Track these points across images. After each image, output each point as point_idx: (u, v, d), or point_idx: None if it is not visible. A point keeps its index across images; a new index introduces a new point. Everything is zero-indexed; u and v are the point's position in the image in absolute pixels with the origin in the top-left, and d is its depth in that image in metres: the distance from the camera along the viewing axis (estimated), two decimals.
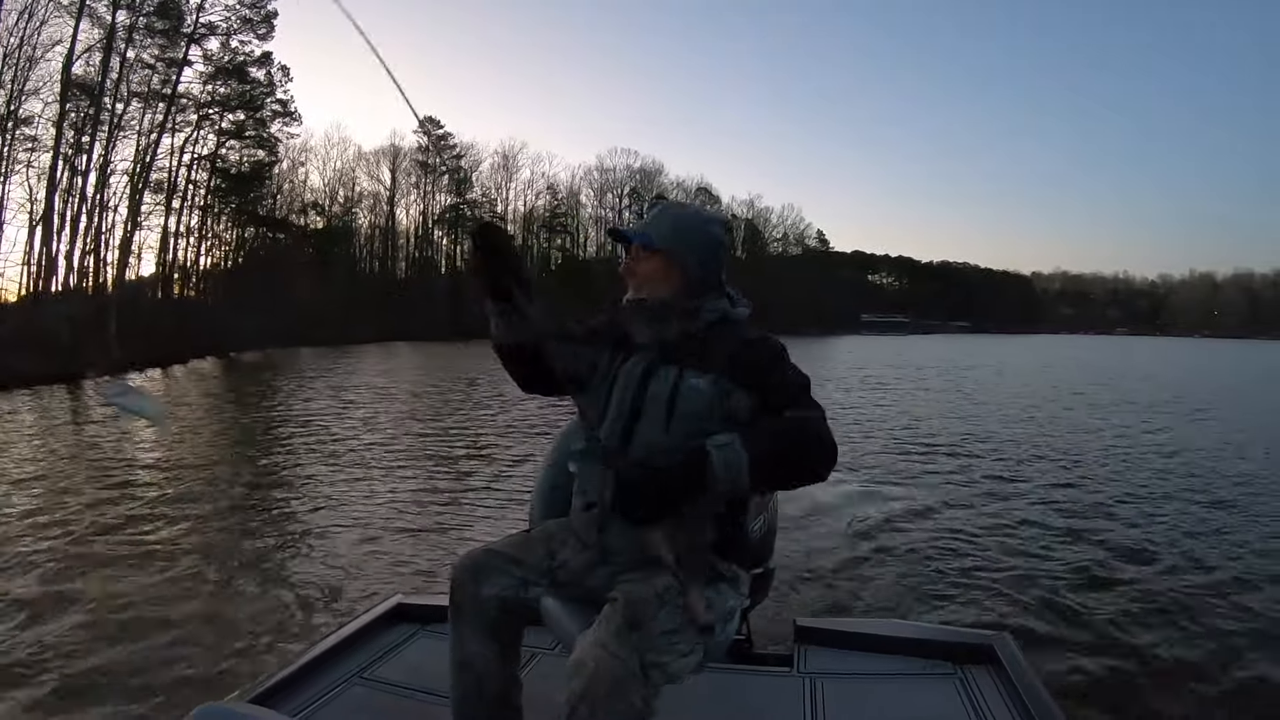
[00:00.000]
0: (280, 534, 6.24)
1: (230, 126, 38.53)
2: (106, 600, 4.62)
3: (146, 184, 33.83)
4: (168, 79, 33.91)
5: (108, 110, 31.03)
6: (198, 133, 36.90)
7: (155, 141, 33.70)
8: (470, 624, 1.71)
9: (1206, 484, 8.66)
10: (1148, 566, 5.67)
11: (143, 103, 32.94)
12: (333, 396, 17.02)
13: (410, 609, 2.63)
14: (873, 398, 18.99)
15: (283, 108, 40.68)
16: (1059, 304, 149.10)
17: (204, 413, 14.55)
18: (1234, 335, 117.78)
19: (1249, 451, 11.04)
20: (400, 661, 2.36)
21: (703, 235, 1.85)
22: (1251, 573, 5.51)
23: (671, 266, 1.80)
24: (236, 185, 39.49)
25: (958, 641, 2.44)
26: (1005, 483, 8.53)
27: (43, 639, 4.05)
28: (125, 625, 4.29)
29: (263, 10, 37.12)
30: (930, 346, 56.81)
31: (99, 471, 8.46)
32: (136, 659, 3.88)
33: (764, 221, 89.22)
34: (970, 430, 12.79)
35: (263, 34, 37.64)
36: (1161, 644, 4.28)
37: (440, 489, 7.83)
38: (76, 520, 6.44)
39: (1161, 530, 6.63)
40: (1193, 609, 4.79)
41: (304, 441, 10.78)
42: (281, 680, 2.13)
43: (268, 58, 38.80)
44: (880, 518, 6.68)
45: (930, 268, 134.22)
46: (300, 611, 4.58)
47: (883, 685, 2.27)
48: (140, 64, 32.74)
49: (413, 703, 2.10)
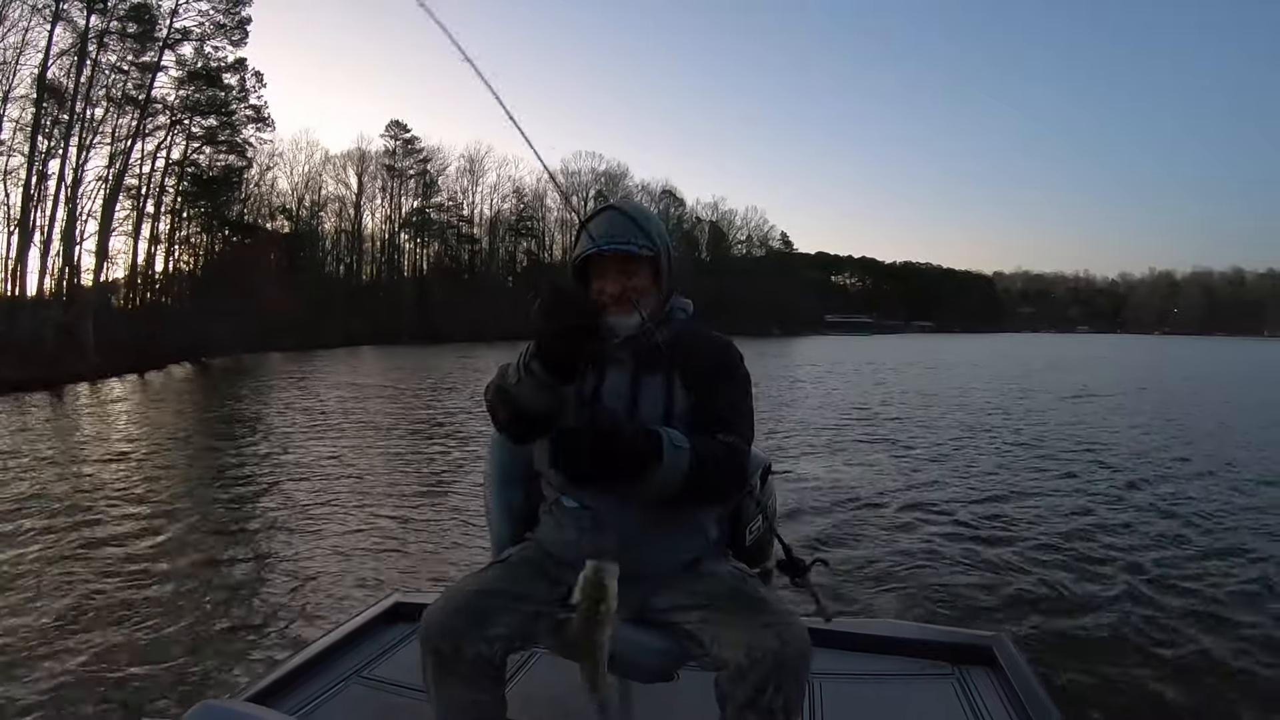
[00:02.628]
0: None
1: (203, 132, 38.33)
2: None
3: (120, 189, 33.81)
4: (141, 84, 33.80)
5: (79, 115, 31.01)
6: (170, 138, 36.74)
7: (129, 147, 33.67)
8: (466, 674, 1.56)
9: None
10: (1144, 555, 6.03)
11: (116, 108, 32.84)
12: (325, 401, 17.63)
13: (408, 608, 2.61)
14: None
15: (256, 113, 40.64)
16: (1021, 303, 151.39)
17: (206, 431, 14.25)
18: (1192, 332, 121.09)
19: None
20: (398, 660, 2.36)
21: (664, 230, 1.79)
22: (1253, 571, 5.67)
23: (658, 271, 1.74)
24: (208, 190, 39.35)
25: (956, 642, 2.47)
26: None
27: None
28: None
29: (237, 16, 36.92)
30: (900, 348, 56.34)
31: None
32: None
33: (728, 224, 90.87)
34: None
35: (236, 40, 37.50)
36: (1161, 643, 4.34)
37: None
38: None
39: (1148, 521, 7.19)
40: (1196, 608, 4.87)
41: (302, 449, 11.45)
42: (280, 678, 2.17)
43: (242, 64, 38.70)
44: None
45: (893, 268, 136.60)
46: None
47: (881, 686, 2.29)
48: (113, 69, 32.62)
49: (411, 701, 2.07)
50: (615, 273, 1.69)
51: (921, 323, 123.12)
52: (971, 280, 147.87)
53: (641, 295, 1.69)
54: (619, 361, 1.70)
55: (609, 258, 1.68)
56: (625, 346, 1.69)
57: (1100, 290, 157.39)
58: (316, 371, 27.31)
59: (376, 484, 8.59)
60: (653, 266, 1.72)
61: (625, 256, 1.67)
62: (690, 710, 1.66)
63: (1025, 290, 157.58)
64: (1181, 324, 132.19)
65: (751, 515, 1.90)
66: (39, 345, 23.30)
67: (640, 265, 1.70)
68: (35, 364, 20.80)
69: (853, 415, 15.70)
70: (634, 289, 1.69)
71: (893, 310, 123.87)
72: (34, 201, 29.56)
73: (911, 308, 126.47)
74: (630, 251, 1.67)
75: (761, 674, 1.41)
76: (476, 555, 5.38)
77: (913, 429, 13.71)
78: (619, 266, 1.69)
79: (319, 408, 16.32)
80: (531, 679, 2.28)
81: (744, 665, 1.42)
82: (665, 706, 2.03)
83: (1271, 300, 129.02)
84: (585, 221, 1.72)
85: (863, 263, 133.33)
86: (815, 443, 11.86)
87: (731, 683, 1.44)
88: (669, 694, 1.83)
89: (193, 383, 23.99)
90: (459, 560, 5.68)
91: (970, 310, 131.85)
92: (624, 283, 1.69)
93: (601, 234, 1.68)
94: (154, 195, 36.90)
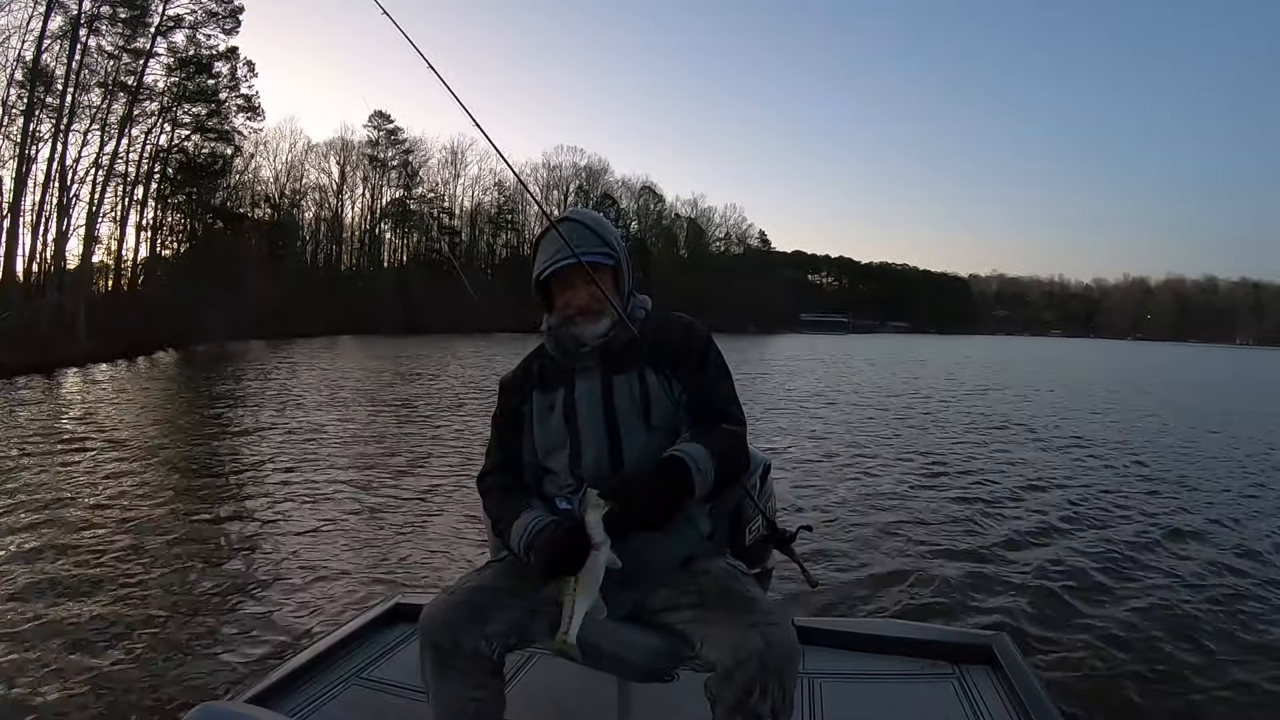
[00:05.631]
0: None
1: (192, 119, 38.44)
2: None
3: (110, 175, 34.06)
4: (133, 70, 33.95)
5: (72, 100, 31.23)
6: (160, 124, 36.89)
7: (119, 133, 33.90)
8: (464, 669, 1.58)
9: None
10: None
11: (106, 93, 32.99)
12: (314, 389, 18.08)
13: (408, 609, 2.60)
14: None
15: (246, 102, 40.78)
16: (995, 306, 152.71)
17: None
18: (1163, 338, 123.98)
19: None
20: (398, 662, 2.37)
21: (618, 235, 1.86)
22: (1253, 571, 5.65)
23: (619, 277, 1.81)
24: (195, 177, 39.52)
25: (956, 642, 2.47)
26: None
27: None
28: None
29: (229, 5, 37.09)
30: (877, 348, 55.13)
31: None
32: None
33: (707, 221, 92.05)
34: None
35: (229, 29, 37.64)
36: (1159, 642, 4.31)
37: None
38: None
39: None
40: (1192, 607, 4.84)
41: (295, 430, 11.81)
42: (280, 680, 2.17)
43: (233, 52, 38.84)
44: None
45: (870, 268, 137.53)
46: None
47: (881, 685, 2.29)
48: (103, 53, 32.79)
49: (410, 703, 2.07)
50: (581, 283, 1.75)
51: (896, 323, 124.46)
52: (947, 282, 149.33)
53: (601, 301, 1.75)
54: (586, 370, 1.77)
55: (574, 269, 1.74)
56: (593, 355, 1.76)
57: (1074, 295, 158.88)
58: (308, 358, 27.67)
59: (379, 478, 8.46)
60: (614, 273, 1.79)
61: (590, 266, 1.73)
62: (690, 710, 1.64)
63: (1000, 293, 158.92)
64: (1154, 330, 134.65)
65: (751, 515, 1.93)
66: (34, 329, 23.67)
67: (602, 274, 1.76)
68: (29, 349, 21.21)
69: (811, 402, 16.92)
70: (598, 298, 1.74)
71: (868, 310, 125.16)
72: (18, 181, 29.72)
73: (887, 308, 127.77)
74: (599, 263, 1.75)
75: (747, 676, 1.42)
76: (476, 555, 5.37)
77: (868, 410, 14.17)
78: (584, 276, 1.74)
79: (322, 394, 16.96)
80: (530, 679, 2.29)
81: (730, 667, 1.44)
82: (665, 706, 2.03)
83: (1243, 308, 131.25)
84: (541, 235, 1.83)
85: (840, 262, 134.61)
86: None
87: (719, 685, 1.46)
88: (669, 694, 1.82)
89: (186, 368, 24.11)
90: (458, 555, 5.69)
91: (946, 312, 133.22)
92: (591, 292, 1.74)
93: (560, 248, 1.75)
94: (142, 181, 37.16)
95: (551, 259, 1.75)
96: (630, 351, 1.75)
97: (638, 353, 1.75)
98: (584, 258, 1.72)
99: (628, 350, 1.75)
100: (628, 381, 1.73)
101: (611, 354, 1.75)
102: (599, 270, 1.75)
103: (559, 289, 1.79)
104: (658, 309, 1.87)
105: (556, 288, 1.79)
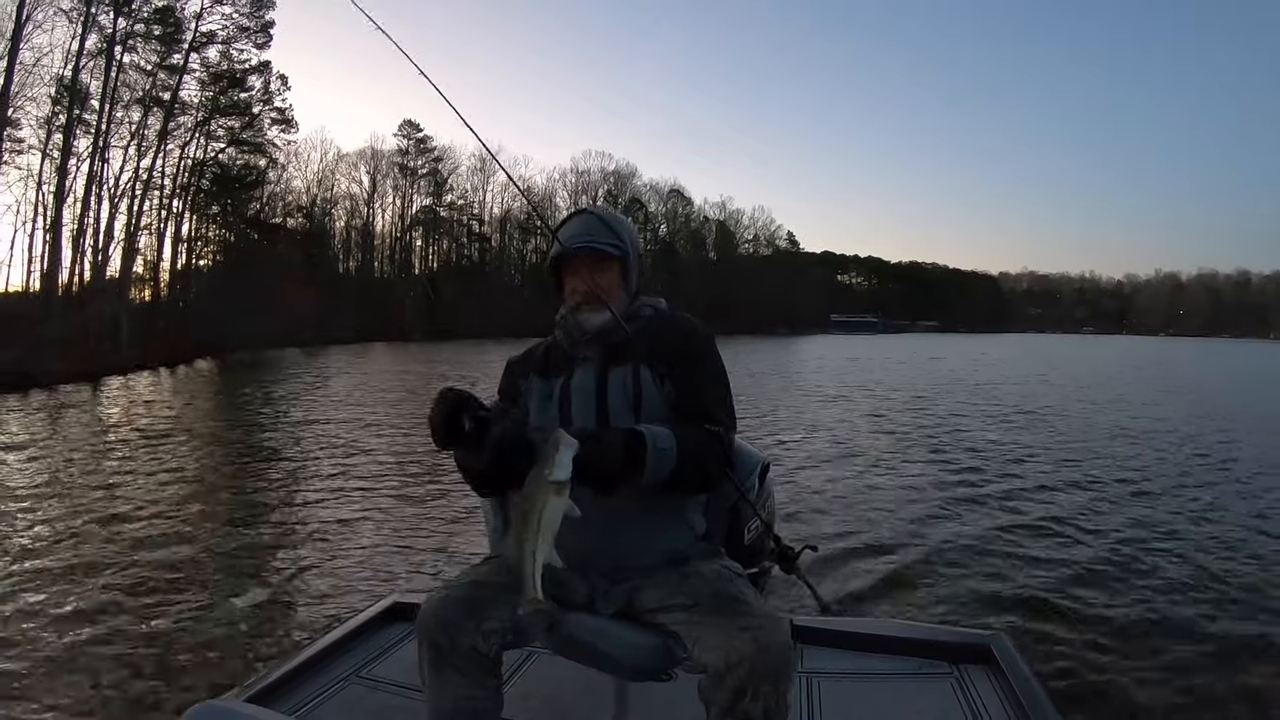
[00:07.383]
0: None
1: (226, 132, 38.96)
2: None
3: (148, 188, 34.70)
4: (168, 86, 34.61)
5: (109, 116, 31.87)
6: (195, 138, 37.45)
7: (156, 147, 34.58)
8: (462, 667, 1.60)
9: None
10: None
11: (143, 109, 33.66)
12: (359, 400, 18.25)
13: (407, 608, 2.61)
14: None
15: (280, 114, 41.39)
16: (1026, 304, 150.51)
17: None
18: (1197, 334, 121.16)
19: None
20: (397, 660, 2.37)
21: (636, 235, 1.91)
22: (1254, 569, 5.66)
23: (627, 271, 1.84)
24: (230, 189, 40.12)
25: (954, 641, 2.47)
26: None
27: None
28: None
29: (260, 20, 37.65)
30: (912, 348, 53.93)
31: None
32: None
33: (735, 223, 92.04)
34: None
35: (260, 43, 38.27)
36: (1158, 642, 4.32)
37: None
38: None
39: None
40: (1192, 607, 4.85)
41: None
42: (279, 679, 2.16)
43: (266, 66, 39.41)
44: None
45: (899, 268, 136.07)
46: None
47: (879, 685, 2.29)
48: (138, 70, 33.42)
49: (409, 701, 2.07)
50: (585, 271, 1.80)
51: (927, 323, 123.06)
52: (978, 281, 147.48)
53: (610, 292, 1.79)
54: (587, 359, 1.79)
55: (580, 258, 1.80)
56: (594, 343, 1.79)
57: (1106, 291, 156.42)
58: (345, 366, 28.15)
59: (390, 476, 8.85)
60: (621, 266, 1.83)
61: (596, 256, 1.79)
62: (688, 710, 1.62)
63: (1031, 290, 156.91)
64: (1187, 326, 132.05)
65: (749, 515, 1.94)
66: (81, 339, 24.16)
67: (609, 264, 1.81)
68: (75, 358, 21.64)
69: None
70: (602, 286, 1.78)
71: (898, 310, 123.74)
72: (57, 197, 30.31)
73: (917, 308, 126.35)
74: (598, 248, 1.79)
75: (739, 680, 1.41)
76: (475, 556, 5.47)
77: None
78: (589, 265, 1.79)
79: (364, 399, 17.33)
80: (529, 679, 2.29)
81: (721, 670, 1.43)
82: (662, 706, 2.03)
83: (1277, 302, 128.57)
84: (560, 225, 1.87)
85: (869, 262, 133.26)
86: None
87: (712, 688, 1.46)
88: (666, 693, 1.81)
89: (226, 376, 24.44)
90: (458, 551, 5.80)
91: (976, 311, 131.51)
92: (593, 280, 1.79)
93: (573, 235, 1.82)
94: (179, 194, 37.74)
95: (565, 242, 1.82)
96: (629, 346, 1.76)
97: (637, 348, 1.75)
98: (587, 243, 1.78)
99: (627, 344, 1.76)
100: (622, 375, 1.75)
101: (612, 347, 1.78)
102: (605, 260, 1.80)
103: (568, 276, 1.85)
104: (669, 310, 1.90)
105: (566, 275, 1.85)
